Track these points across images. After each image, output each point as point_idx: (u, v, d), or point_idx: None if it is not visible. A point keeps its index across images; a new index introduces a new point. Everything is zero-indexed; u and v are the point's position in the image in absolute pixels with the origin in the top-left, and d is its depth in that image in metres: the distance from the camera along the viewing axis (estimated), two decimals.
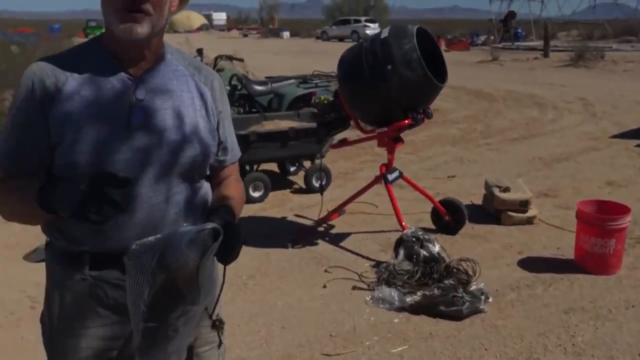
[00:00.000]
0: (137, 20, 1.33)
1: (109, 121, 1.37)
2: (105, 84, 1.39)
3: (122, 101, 1.39)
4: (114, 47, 1.42)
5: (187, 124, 1.46)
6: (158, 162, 1.41)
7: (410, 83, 3.87)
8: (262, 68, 14.61)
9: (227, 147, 1.61)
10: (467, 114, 10.38)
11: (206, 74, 1.57)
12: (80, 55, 1.44)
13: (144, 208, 1.41)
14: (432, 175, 6.46)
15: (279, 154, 5.50)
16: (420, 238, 3.97)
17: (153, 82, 1.44)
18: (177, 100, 1.46)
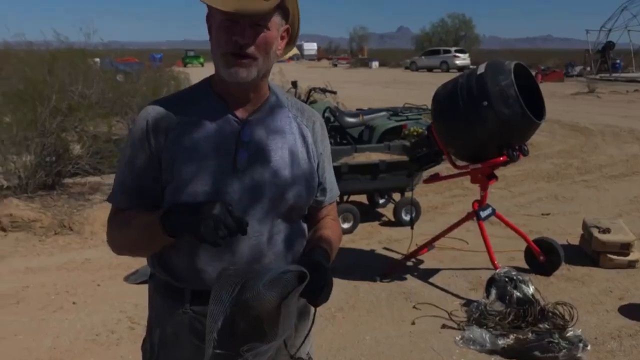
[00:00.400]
0: (243, 65, 1.40)
1: (216, 163, 1.44)
2: (213, 126, 1.46)
3: (229, 143, 1.46)
4: (221, 89, 1.49)
5: (290, 165, 1.50)
6: (260, 203, 1.47)
7: (507, 120, 3.81)
8: (351, 98, 14.80)
9: (326, 187, 1.64)
10: (562, 148, 10.01)
11: (309, 115, 1.62)
12: (191, 97, 1.52)
13: (246, 248, 1.46)
14: (524, 212, 6.26)
15: (369, 186, 5.53)
16: (513, 278, 3.85)
17: (258, 123, 1.50)
18: (280, 142, 1.51)
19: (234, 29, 1.38)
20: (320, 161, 1.60)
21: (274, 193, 1.47)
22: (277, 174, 1.48)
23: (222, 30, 1.40)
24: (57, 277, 4.54)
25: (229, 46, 1.39)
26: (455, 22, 60.50)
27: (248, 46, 1.39)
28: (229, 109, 1.49)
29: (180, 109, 1.48)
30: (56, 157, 6.45)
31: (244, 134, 1.47)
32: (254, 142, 1.48)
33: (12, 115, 6.69)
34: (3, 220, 5.51)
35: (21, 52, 11.39)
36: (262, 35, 1.40)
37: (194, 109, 1.48)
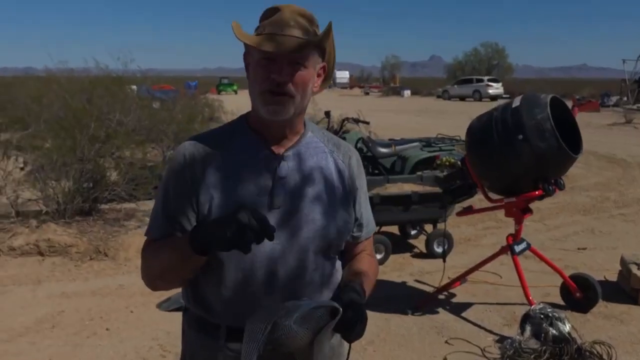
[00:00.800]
0: (280, 103, 1.42)
1: (253, 198, 1.45)
2: (250, 162, 1.48)
3: (265, 179, 1.47)
4: (258, 125, 1.52)
5: (327, 201, 1.51)
6: (297, 239, 1.47)
7: (543, 154, 3.77)
8: (383, 127, 14.82)
9: (362, 223, 1.64)
10: (598, 180, 9.83)
11: (345, 150, 1.63)
12: (228, 133, 1.54)
13: (281, 285, 1.47)
14: (560, 246, 6.14)
15: (401, 217, 5.51)
16: (549, 315, 3.77)
17: (295, 159, 1.51)
18: (317, 177, 1.52)
19: (272, 67, 1.41)
20: (357, 196, 1.61)
21: (310, 229, 1.48)
22: (314, 210, 1.49)
23: (260, 68, 1.43)
24: (92, 303, 4.60)
25: (266, 84, 1.42)
26: (488, 51, 60.35)
27: (285, 84, 1.41)
28: (265, 144, 1.51)
29: (218, 144, 1.51)
30: (93, 183, 6.60)
31: (280, 170, 1.48)
32: (291, 177, 1.49)
33: (52, 141, 6.89)
34: (41, 245, 5.63)
35: (62, 79, 11.76)
36: (300, 74, 1.43)
37: (231, 145, 1.51)
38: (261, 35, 1.42)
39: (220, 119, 18.70)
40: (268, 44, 1.39)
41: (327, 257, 1.55)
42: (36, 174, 6.50)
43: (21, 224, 6.04)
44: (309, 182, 1.51)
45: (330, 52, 1.53)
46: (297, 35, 1.41)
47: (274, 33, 1.41)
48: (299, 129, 1.55)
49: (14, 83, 18.51)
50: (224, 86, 54.86)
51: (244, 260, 1.43)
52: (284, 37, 1.40)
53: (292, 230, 1.47)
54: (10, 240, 5.71)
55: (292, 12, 1.44)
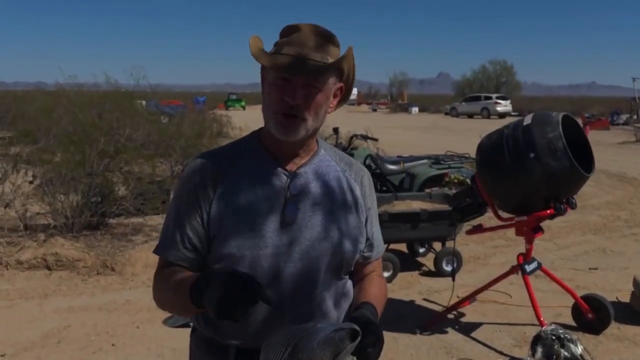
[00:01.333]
0: (291, 125, 1.41)
1: (265, 216, 1.44)
2: (262, 179, 1.47)
3: (277, 196, 1.46)
4: (270, 143, 1.50)
5: (339, 219, 1.50)
6: (308, 258, 1.45)
7: (554, 173, 3.73)
8: (391, 144, 14.82)
9: (373, 243, 1.63)
10: (609, 199, 9.74)
11: (357, 170, 1.62)
12: (240, 150, 1.53)
13: (292, 304, 1.44)
14: (570, 265, 6.07)
15: (409, 235, 5.46)
16: (561, 337, 3.70)
17: (306, 177, 1.50)
18: (329, 196, 1.51)
19: (286, 89, 1.39)
20: (368, 216, 1.59)
21: (323, 248, 1.47)
22: (327, 229, 1.48)
23: (274, 88, 1.42)
24: (98, 318, 4.58)
25: (279, 105, 1.41)
26: (496, 69, 60.49)
27: (298, 107, 1.40)
28: (277, 162, 1.49)
29: (229, 162, 1.50)
30: (101, 198, 6.60)
31: (293, 187, 1.47)
32: (303, 195, 1.48)
33: (61, 155, 6.91)
34: (49, 259, 5.63)
35: (72, 94, 11.86)
36: (314, 97, 1.41)
37: (243, 162, 1.49)
38: (277, 55, 1.41)
39: (228, 135, 18.78)
40: (283, 66, 1.38)
41: (339, 276, 1.54)
42: (45, 187, 6.51)
43: (29, 237, 6.04)
44: (321, 200, 1.49)
45: (349, 73, 1.51)
46: (314, 59, 1.39)
47: (291, 54, 1.39)
48: (312, 147, 1.54)
49: (25, 97, 18.71)
50: (232, 102, 55.14)
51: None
52: (301, 59, 1.38)
53: (304, 248, 1.45)
54: (18, 253, 5.71)
55: (312, 33, 1.43)
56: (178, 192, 1.52)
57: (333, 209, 1.50)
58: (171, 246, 1.48)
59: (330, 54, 1.43)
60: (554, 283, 4.54)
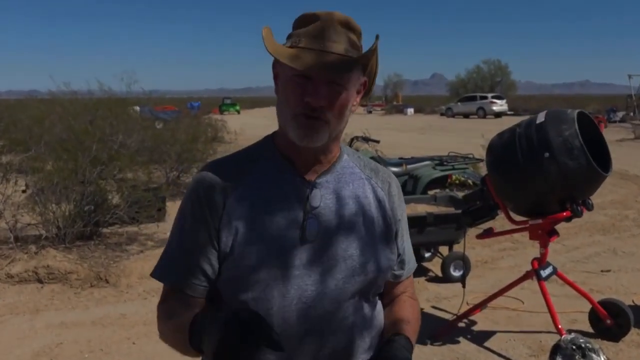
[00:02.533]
0: (314, 129, 1.22)
1: (282, 232, 1.25)
2: (278, 190, 1.28)
3: (295, 209, 1.27)
4: (287, 149, 1.31)
5: (367, 234, 1.31)
6: (333, 278, 1.26)
7: (571, 173, 3.53)
8: (388, 145, 14.61)
9: (404, 259, 1.44)
10: (614, 198, 9.57)
11: (383, 177, 1.42)
12: (253, 157, 1.34)
13: (315, 332, 1.25)
14: (582, 268, 5.88)
15: (415, 239, 5.19)
16: (581, 346, 3.49)
17: (328, 187, 1.31)
18: (354, 207, 1.31)
19: (307, 88, 1.20)
20: (399, 228, 1.40)
21: (349, 266, 1.27)
22: (353, 245, 1.28)
23: (292, 87, 1.22)
24: (92, 333, 4.36)
25: (299, 107, 1.21)
26: (490, 68, 60.37)
27: (322, 109, 1.20)
28: (295, 170, 1.30)
29: (240, 170, 1.30)
30: (95, 207, 6.38)
31: (313, 199, 1.28)
32: (324, 208, 1.28)
33: (53, 163, 6.70)
34: (40, 272, 5.40)
35: (65, 102, 11.67)
36: (338, 97, 1.22)
37: (256, 172, 1.30)
38: (295, 49, 1.21)
39: (223, 139, 18.62)
40: (304, 62, 1.18)
41: (367, 299, 1.34)
42: (36, 197, 6.29)
43: (20, 249, 5.81)
44: (345, 213, 1.30)
45: (372, 66, 1.32)
46: (339, 52, 1.20)
47: (312, 48, 1.20)
48: (334, 153, 1.35)
49: (17, 106, 18.51)
50: (226, 106, 55.07)
51: (271, 305, 1.22)
52: (323, 53, 1.19)
53: (327, 268, 1.26)
54: (8, 266, 5.49)
55: (334, 22, 1.23)
56: (183, 209, 1.33)
57: (359, 222, 1.31)
58: (176, 272, 1.30)
59: (355, 46, 1.24)
60: (567, 287, 4.35)
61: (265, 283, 1.23)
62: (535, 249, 4.49)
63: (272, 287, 1.23)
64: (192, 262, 1.28)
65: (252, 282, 1.23)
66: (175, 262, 1.30)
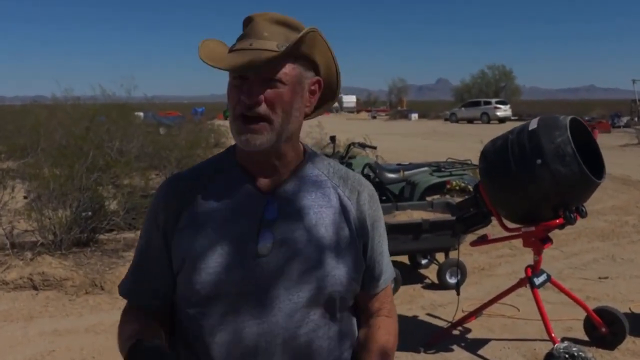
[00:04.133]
0: (255, 131, 1.19)
1: (236, 247, 1.21)
2: (233, 203, 1.25)
3: (249, 223, 1.23)
4: (243, 158, 1.28)
5: (326, 247, 1.25)
6: (290, 295, 1.21)
7: (563, 179, 3.50)
8: (390, 150, 14.61)
9: (377, 271, 1.38)
10: (615, 204, 9.51)
11: (353, 185, 1.35)
12: (214, 169, 1.31)
13: (269, 352, 1.21)
14: (579, 274, 5.83)
15: (411, 246, 5.22)
16: (574, 355, 3.47)
17: (287, 197, 1.26)
18: (314, 218, 1.26)
19: (242, 88, 1.18)
20: (370, 239, 1.34)
21: (307, 281, 1.21)
22: (310, 259, 1.22)
23: (231, 90, 1.21)
24: (85, 341, 4.34)
25: (237, 109, 1.19)
26: (495, 73, 60.31)
27: (257, 105, 1.17)
28: (252, 181, 1.26)
29: (199, 183, 1.28)
30: (92, 213, 6.38)
31: (268, 212, 1.23)
32: (280, 220, 1.23)
33: (49, 170, 6.70)
34: (35, 279, 5.39)
35: (68, 107, 11.70)
36: (274, 92, 1.18)
37: (214, 184, 1.27)
38: (230, 53, 1.20)
39: (225, 145, 18.59)
40: (229, 61, 1.16)
41: (333, 316, 1.28)
42: (32, 203, 6.29)
43: (16, 256, 5.81)
44: (303, 226, 1.25)
45: (328, 66, 1.27)
46: (269, 48, 1.16)
47: (242, 48, 1.18)
48: (292, 159, 1.29)
49: (22, 111, 18.56)
50: None
51: (221, 321, 1.20)
52: (250, 51, 1.16)
53: (284, 284, 1.21)
54: (3, 273, 5.48)
55: (266, 21, 1.20)
56: (144, 223, 1.33)
57: (319, 235, 1.25)
58: (134, 283, 1.31)
59: (291, 41, 1.19)
60: (563, 294, 4.31)
61: (217, 299, 1.20)
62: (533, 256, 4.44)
63: (223, 302, 1.20)
64: (145, 282, 1.30)
65: (203, 297, 1.20)
66: (136, 273, 1.32)
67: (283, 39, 1.18)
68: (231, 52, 1.20)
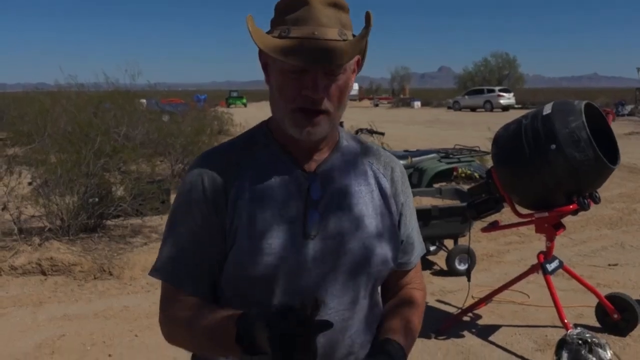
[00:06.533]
0: (317, 124, 1.16)
1: (284, 227, 1.18)
2: (277, 183, 1.21)
3: (297, 203, 1.20)
4: (284, 139, 1.24)
5: (370, 224, 1.24)
6: (337, 274, 1.20)
7: (578, 165, 3.47)
8: (394, 138, 14.54)
9: (410, 246, 1.36)
10: (622, 192, 9.47)
11: (386, 161, 1.34)
12: (249, 148, 1.27)
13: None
14: (588, 262, 5.81)
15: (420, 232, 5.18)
16: (588, 341, 3.44)
17: (328, 177, 1.24)
18: (356, 197, 1.25)
19: (303, 81, 1.12)
20: (403, 215, 1.33)
21: (354, 260, 1.21)
22: (356, 237, 1.22)
23: (287, 81, 1.14)
24: (94, 326, 4.34)
25: (298, 101, 1.14)
26: (498, 61, 60.00)
27: (322, 100, 1.13)
28: (294, 160, 1.23)
29: (238, 162, 1.23)
30: (99, 199, 6.36)
31: (313, 191, 1.21)
32: (325, 199, 1.22)
33: (56, 155, 6.68)
34: (44, 264, 5.39)
35: (72, 94, 11.65)
36: (338, 85, 1.15)
37: (254, 163, 1.23)
38: (285, 40, 1.11)
39: (229, 132, 18.58)
40: (300, 56, 1.09)
41: (371, 294, 1.28)
42: (40, 189, 6.28)
43: (24, 241, 5.80)
44: (346, 205, 1.23)
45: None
46: (332, 38, 1.11)
47: (303, 37, 1.10)
48: (334, 139, 1.28)
49: (25, 98, 18.50)
50: (233, 99, 54.92)
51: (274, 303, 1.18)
52: (317, 42, 1.10)
53: (331, 264, 1.20)
54: (12, 259, 5.47)
55: (320, 3, 1.13)
56: (180, 201, 1.25)
57: (362, 212, 1.24)
58: (180, 271, 1.22)
59: (347, 26, 1.16)
60: (574, 281, 4.29)
61: (268, 281, 1.18)
62: (541, 243, 4.44)
63: (274, 284, 1.18)
64: (197, 259, 1.22)
65: (253, 279, 1.18)
66: (180, 260, 1.23)
67: (338, 23, 1.14)
68: (285, 38, 1.12)
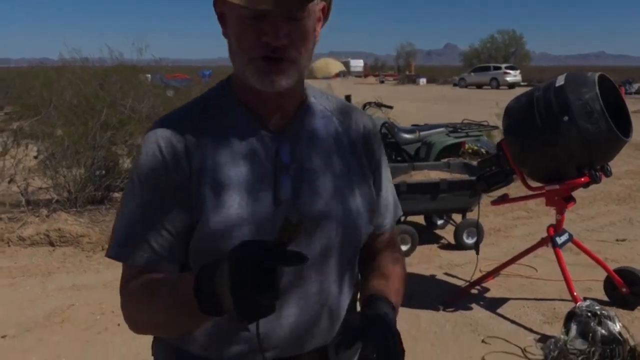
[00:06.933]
0: (281, 72, 1.05)
1: (253, 195, 1.09)
2: (244, 147, 1.12)
3: (265, 168, 1.11)
4: (247, 97, 1.14)
5: (344, 186, 1.17)
6: (312, 242, 1.13)
7: (590, 137, 3.44)
8: (400, 115, 14.46)
9: (385, 207, 1.29)
10: (630, 169, 9.42)
11: (356, 118, 1.26)
12: (210, 109, 1.16)
13: (296, 305, 1.14)
14: (597, 237, 5.80)
15: (428, 206, 5.19)
16: (597, 313, 3.45)
17: (297, 137, 1.16)
18: (327, 158, 1.17)
19: (263, 27, 1.02)
20: (377, 173, 1.26)
21: (329, 226, 1.14)
22: (331, 201, 1.14)
23: (245, 29, 1.04)
24: (103, 296, 4.37)
25: (258, 50, 1.04)
26: (505, 38, 59.46)
27: (285, 48, 1.03)
28: (260, 121, 1.14)
29: (199, 125, 1.13)
30: (106, 171, 6.36)
31: (283, 154, 1.13)
32: (296, 163, 1.14)
33: (64, 128, 6.67)
34: (52, 235, 5.41)
35: (76, 68, 11.56)
36: (301, 31, 1.05)
37: (216, 126, 1.13)
38: None
39: None
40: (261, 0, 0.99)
41: (348, 262, 1.21)
42: (47, 161, 6.28)
43: (31, 213, 5.82)
44: (319, 165, 1.16)
45: None
46: None
47: None
48: (300, 95, 1.19)
49: (29, 73, 18.40)
50: None
51: None
52: None
53: (308, 231, 1.12)
54: (20, 229, 5.50)
55: None
56: (137, 173, 1.11)
57: (335, 173, 1.17)
58: (140, 248, 1.10)
59: None
60: (582, 256, 4.28)
61: None
62: (549, 218, 4.42)
63: None
64: (160, 235, 1.09)
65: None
66: (140, 236, 1.10)
67: None
68: None
